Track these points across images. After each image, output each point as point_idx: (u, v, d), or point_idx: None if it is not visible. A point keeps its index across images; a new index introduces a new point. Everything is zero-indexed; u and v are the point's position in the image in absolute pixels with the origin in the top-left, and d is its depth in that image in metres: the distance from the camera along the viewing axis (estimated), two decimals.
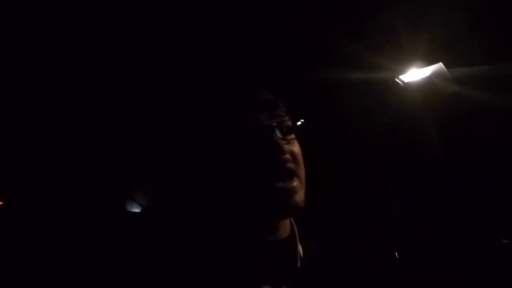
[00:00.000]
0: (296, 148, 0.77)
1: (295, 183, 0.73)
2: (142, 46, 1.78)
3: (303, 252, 0.82)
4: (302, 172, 0.77)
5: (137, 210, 3.54)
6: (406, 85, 2.36)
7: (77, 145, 2.53)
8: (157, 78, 2.01)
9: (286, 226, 0.82)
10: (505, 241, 2.45)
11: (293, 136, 0.78)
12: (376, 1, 1.71)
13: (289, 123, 0.77)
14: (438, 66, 2.22)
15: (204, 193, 0.82)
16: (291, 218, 0.85)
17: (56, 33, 1.54)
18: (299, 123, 0.79)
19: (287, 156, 0.74)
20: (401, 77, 2.30)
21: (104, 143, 2.55)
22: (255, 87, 0.80)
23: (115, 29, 1.62)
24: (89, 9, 1.44)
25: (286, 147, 0.74)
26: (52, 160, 2.63)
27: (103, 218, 3.12)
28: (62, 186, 2.90)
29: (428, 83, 2.34)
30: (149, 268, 0.69)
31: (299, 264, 0.78)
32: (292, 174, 0.73)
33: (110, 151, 2.64)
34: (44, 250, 2.76)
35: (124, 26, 1.61)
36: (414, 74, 2.29)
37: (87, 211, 3.02)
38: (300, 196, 0.74)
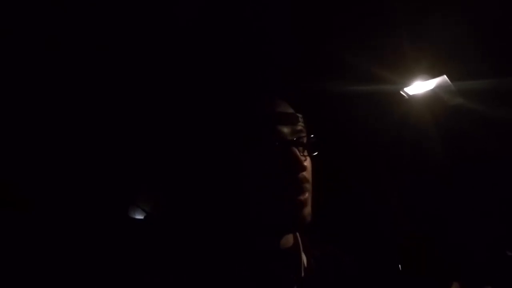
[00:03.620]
0: (308, 164, 0.78)
1: (307, 195, 0.74)
2: (158, 52, 1.79)
3: (307, 262, 0.82)
4: (311, 188, 0.78)
5: (140, 216, 3.53)
6: (411, 98, 2.38)
7: (81, 147, 2.53)
8: (171, 84, 2.02)
9: (290, 236, 0.82)
10: (510, 254, 2.43)
11: (307, 152, 0.78)
12: (381, 14, 1.73)
13: (306, 139, 0.78)
14: (443, 79, 2.23)
15: (213, 202, 0.82)
16: None
17: (56, 32, 1.54)
18: (311, 138, 0.79)
19: (305, 173, 0.74)
20: (405, 89, 2.32)
21: (111, 146, 2.55)
22: (272, 97, 0.80)
23: (133, 34, 1.64)
24: (96, 6, 1.45)
25: (304, 163, 0.74)
26: (55, 162, 2.64)
27: (106, 222, 3.11)
28: (65, 188, 2.90)
29: (432, 95, 2.35)
30: (153, 276, 0.69)
31: (303, 274, 0.78)
32: (306, 189, 0.74)
33: (117, 154, 2.65)
34: (46, 252, 2.76)
35: (142, 32, 1.63)
36: (419, 87, 2.31)
37: (89, 214, 3.02)
38: (309, 209, 0.74)
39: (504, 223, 2.51)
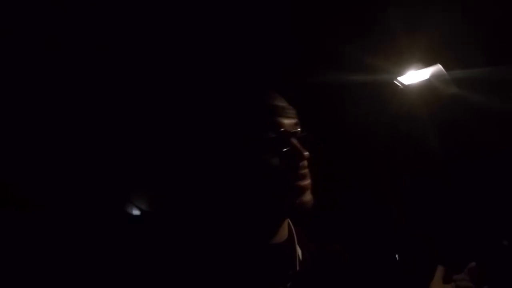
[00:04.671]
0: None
1: (308, 181, 0.78)
2: (158, 51, 1.80)
3: (302, 256, 0.83)
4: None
5: (137, 212, 3.53)
6: (405, 87, 2.38)
7: (80, 146, 2.53)
8: (168, 79, 2.03)
9: (284, 230, 0.84)
10: (506, 243, 2.44)
11: (303, 143, 0.80)
12: (374, 3, 1.73)
13: (301, 131, 0.80)
14: (437, 67, 2.23)
15: (212, 195, 0.84)
16: (289, 221, 0.87)
17: (56, 32, 1.55)
18: (303, 132, 0.81)
19: (305, 162, 0.78)
20: (399, 79, 2.32)
21: (110, 145, 2.55)
22: (271, 92, 0.82)
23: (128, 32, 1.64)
24: (96, 6, 1.46)
25: (305, 153, 0.77)
26: (54, 161, 2.63)
27: (105, 220, 3.12)
28: (64, 187, 2.90)
29: (427, 85, 2.35)
30: (148, 271, 0.71)
31: (297, 267, 0.80)
32: (307, 176, 0.78)
33: (117, 153, 2.65)
34: (45, 251, 2.76)
35: (138, 28, 1.63)
36: (413, 76, 2.31)
37: (88, 212, 3.02)
38: (310, 195, 0.78)
39: (500, 213, 2.51)
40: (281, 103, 0.80)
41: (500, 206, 2.56)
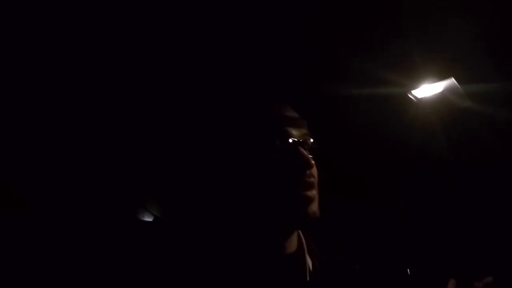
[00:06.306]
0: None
1: (314, 192, 0.78)
2: (164, 52, 1.79)
3: (312, 265, 0.83)
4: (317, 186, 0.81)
5: (149, 218, 3.53)
6: (419, 101, 2.37)
7: (79, 147, 2.53)
8: (182, 89, 2.04)
9: (294, 239, 0.83)
10: None
11: (311, 155, 0.80)
12: (389, 17, 1.71)
13: (311, 141, 0.81)
14: (451, 81, 2.22)
15: (221, 204, 0.84)
16: (299, 231, 0.87)
17: (56, 32, 1.54)
18: (314, 143, 0.81)
19: (312, 171, 0.78)
20: (413, 92, 2.31)
21: (118, 149, 2.56)
22: (282, 103, 0.83)
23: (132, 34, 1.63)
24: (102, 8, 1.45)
25: (312, 163, 0.77)
26: (53, 161, 2.64)
27: (106, 221, 3.12)
28: (63, 187, 2.91)
29: (440, 98, 2.34)
30: (158, 277, 0.70)
31: (308, 278, 0.79)
32: (314, 186, 0.78)
33: (124, 157, 2.65)
34: (44, 251, 2.77)
35: (143, 30, 1.62)
36: (427, 90, 2.29)
37: (87, 213, 3.03)
38: (316, 205, 0.78)
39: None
40: (291, 113, 0.81)
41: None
